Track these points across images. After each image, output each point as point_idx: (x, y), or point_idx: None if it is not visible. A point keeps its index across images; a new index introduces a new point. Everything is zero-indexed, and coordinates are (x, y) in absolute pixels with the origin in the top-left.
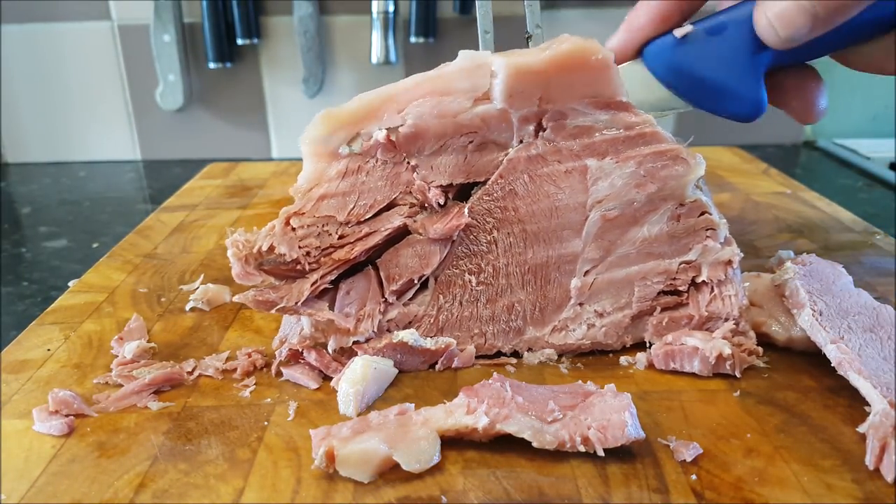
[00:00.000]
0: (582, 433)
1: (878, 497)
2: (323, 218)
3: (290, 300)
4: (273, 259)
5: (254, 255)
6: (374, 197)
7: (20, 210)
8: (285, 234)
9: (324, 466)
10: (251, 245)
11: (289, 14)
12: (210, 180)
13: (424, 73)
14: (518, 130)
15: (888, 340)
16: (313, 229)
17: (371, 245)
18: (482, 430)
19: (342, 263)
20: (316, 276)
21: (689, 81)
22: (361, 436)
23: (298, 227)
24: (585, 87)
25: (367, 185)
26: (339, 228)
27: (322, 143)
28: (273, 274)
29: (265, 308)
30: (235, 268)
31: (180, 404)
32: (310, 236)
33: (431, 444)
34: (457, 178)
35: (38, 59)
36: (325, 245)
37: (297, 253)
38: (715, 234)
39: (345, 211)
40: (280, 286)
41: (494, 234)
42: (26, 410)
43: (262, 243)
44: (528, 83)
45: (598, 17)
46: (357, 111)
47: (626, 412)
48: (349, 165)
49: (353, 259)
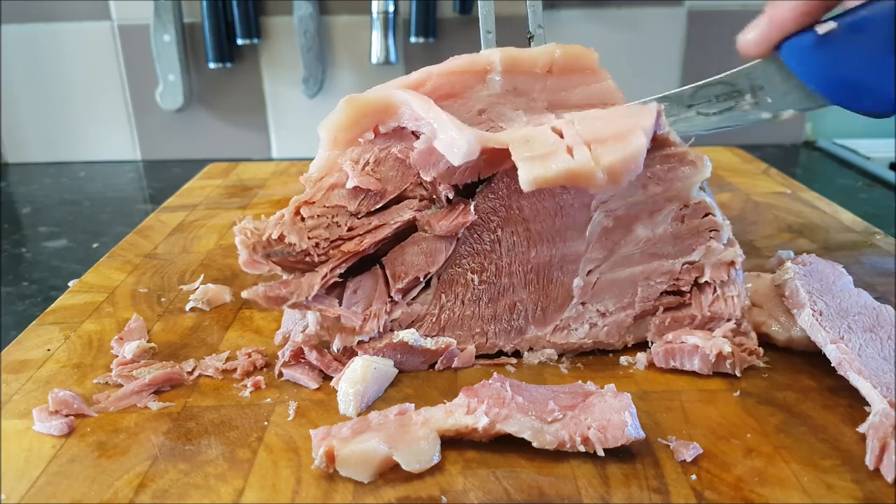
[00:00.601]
0: (582, 433)
1: (878, 497)
2: (333, 208)
3: (300, 295)
4: (281, 250)
5: (262, 243)
6: (384, 187)
7: (20, 210)
8: (295, 223)
9: (324, 466)
10: (260, 233)
11: (289, 14)
12: (210, 180)
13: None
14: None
15: (888, 340)
16: (323, 220)
17: (380, 238)
18: (482, 430)
19: (351, 256)
20: (326, 269)
21: (830, 79)
22: (361, 436)
23: (308, 216)
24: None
25: (379, 175)
26: (348, 220)
27: (343, 130)
28: (281, 265)
29: (275, 304)
30: (243, 255)
31: (180, 404)
32: (319, 227)
33: (431, 444)
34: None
35: (38, 59)
36: (335, 237)
37: (307, 244)
38: (718, 235)
39: (355, 201)
40: (290, 281)
41: (498, 233)
42: (26, 410)
43: (272, 231)
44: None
45: (598, 18)
46: (380, 100)
47: (626, 412)
48: (363, 154)
49: (363, 251)
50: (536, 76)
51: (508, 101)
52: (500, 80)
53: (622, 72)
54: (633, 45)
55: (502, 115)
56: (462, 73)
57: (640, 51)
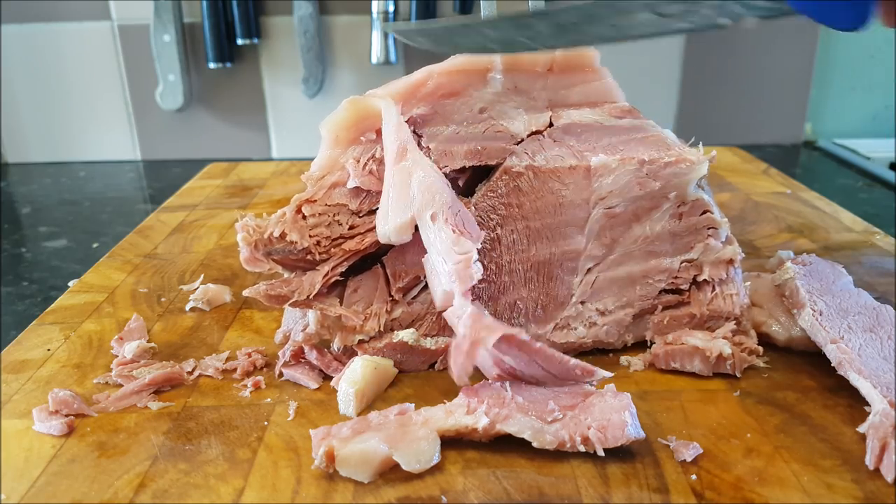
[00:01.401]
0: (582, 433)
1: (878, 497)
2: (335, 206)
3: (301, 293)
4: (282, 248)
5: (263, 241)
6: None
7: (20, 210)
8: (296, 221)
9: (324, 466)
10: (261, 230)
11: (289, 14)
12: (210, 180)
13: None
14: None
15: (888, 340)
16: (324, 218)
17: None
18: (482, 431)
19: (352, 254)
20: (327, 267)
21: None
22: (361, 436)
23: (310, 215)
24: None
25: (380, 174)
26: (349, 218)
27: (345, 129)
28: (282, 264)
29: (277, 302)
30: (244, 252)
31: (180, 404)
32: (321, 225)
33: (431, 444)
34: (470, 161)
35: (38, 59)
36: (336, 235)
37: (308, 242)
38: (716, 232)
39: (357, 200)
40: (291, 280)
41: (498, 231)
42: (26, 410)
43: (273, 229)
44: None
45: None
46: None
47: (626, 412)
48: (364, 153)
49: (364, 250)
50: (537, 74)
51: (509, 100)
52: (500, 78)
53: (622, 72)
54: (633, 45)
55: (503, 113)
56: (463, 71)
57: (640, 51)
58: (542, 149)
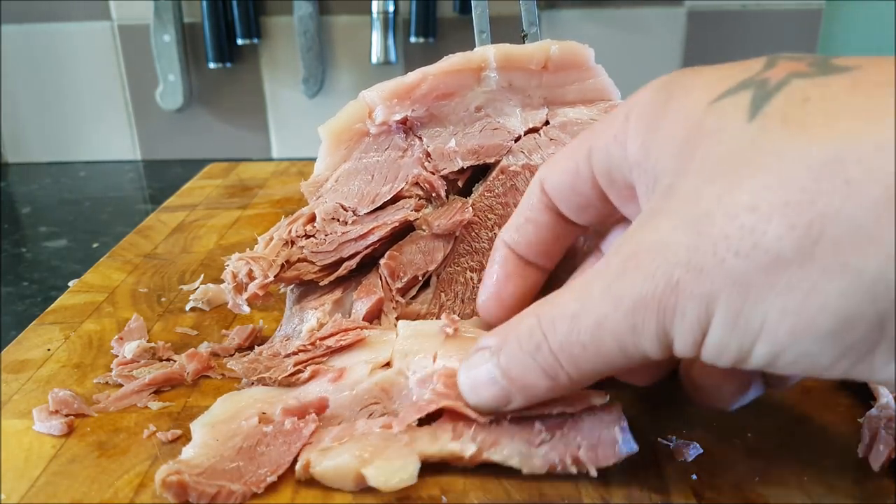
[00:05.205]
0: (572, 454)
1: (879, 497)
2: (330, 213)
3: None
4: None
5: (268, 277)
6: (382, 186)
7: (20, 210)
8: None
9: (304, 480)
10: (267, 265)
11: (289, 14)
12: (210, 180)
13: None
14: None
15: None
16: (321, 236)
17: (377, 239)
18: (469, 458)
19: (351, 258)
20: (327, 280)
21: None
22: (336, 450)
23: (312, 234)
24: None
25: (377, 169)
26: (345, 225)
27: (346, 130)
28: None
29: None
30: (231, 301)
31: (180, 404)
32: (319, 242)
33: (408, 467)
34: (470, 161)
35: (38, 59)
36: (340, 233)
37: (311, 274)
38: None
39: (353, 199)
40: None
41: (496, 231)
42: (26, 410)
43: (269, 273)
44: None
45: (597, 18)
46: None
47: (616, 427)
48: (361, 151)
49: (362, 251)
50: (532, 72)
51: (505, 98)
52: (495, 76)
53: (622, 72)
54: (633, 45)
55: (500, 111)
56: (457, 71)
57: (639, 51)
58: (538, 147)
